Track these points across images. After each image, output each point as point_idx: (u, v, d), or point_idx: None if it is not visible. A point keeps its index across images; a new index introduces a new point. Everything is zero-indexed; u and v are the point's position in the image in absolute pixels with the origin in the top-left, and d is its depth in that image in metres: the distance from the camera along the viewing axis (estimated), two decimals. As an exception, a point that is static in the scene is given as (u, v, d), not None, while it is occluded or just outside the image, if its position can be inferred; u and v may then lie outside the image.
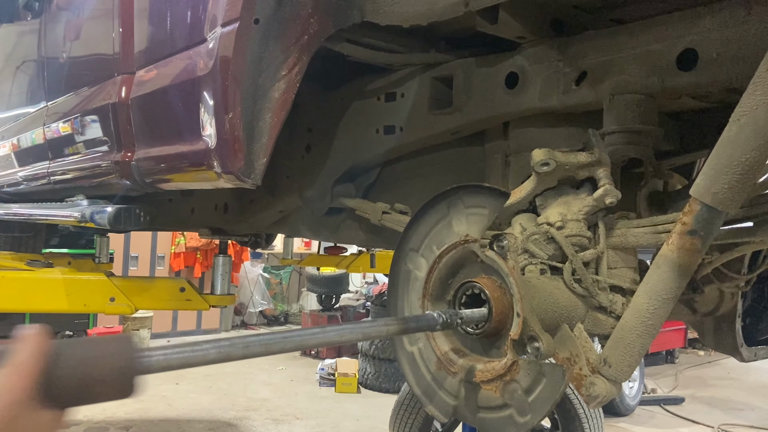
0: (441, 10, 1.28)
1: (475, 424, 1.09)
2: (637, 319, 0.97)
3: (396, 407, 3.79)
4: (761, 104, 0.80)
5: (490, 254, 1.05)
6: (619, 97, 1.23)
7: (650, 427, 5.76)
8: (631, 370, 1.00)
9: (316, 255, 5.05)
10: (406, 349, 1.22)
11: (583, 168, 1.17)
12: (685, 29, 1.13)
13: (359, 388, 6.49)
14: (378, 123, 1.79)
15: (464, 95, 1.53)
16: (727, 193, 0.84)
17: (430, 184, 1.86)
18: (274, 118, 1.39)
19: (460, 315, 1.02)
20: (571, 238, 1.16)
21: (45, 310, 2.79)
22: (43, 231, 4.65)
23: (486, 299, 1.04)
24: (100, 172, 2.19)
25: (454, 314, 1.01)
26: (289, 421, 5.43)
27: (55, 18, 2.64)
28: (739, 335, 1.72)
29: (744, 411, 6.32)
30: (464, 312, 1.03)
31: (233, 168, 1.43)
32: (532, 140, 1.46)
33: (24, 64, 3.09)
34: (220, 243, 3.49)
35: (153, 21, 1.84)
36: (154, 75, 1.80)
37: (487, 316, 1.03)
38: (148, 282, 3.01)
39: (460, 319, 1.02)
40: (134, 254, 8.58)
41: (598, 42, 1.27)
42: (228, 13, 1.37)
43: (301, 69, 1.38)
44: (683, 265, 0.92)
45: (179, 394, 6.00)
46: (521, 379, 1.01)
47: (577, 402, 3.43)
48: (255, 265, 10.34)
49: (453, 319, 1.01)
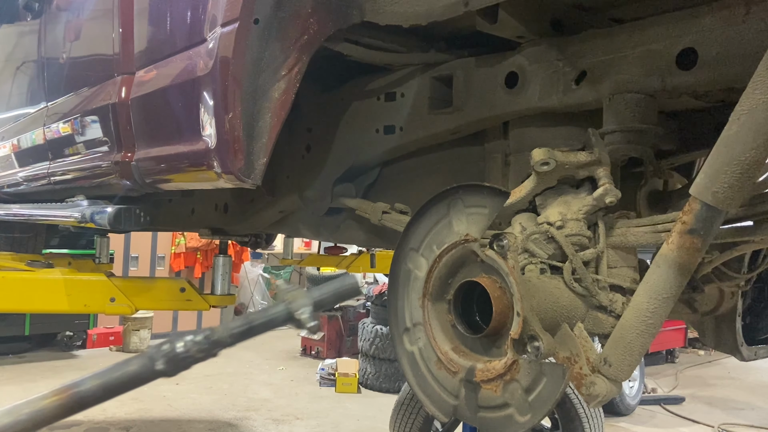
0: (441, 9, 1.28)
1: (475, 423, 1.09)
2: (638, 319, 0.97)
3: (396, 407, 3.79)
4: (761, 103, 0.80)
5: (490, 254, 1.05)
6: (619, 96, 1.23)
7: (650, 426, 5.76)
8: (631, 370, 1.00)
9: (316, 255, 5.05)
10: (406, 348, 1.22)
11: (583, 167, 1.17)
12: (685, 29, 1.13)
13: (359, 388, 6.49)
14: (378, 123, 1.79)
15: (464, 95, 1.53)
16: (727, 192, 0.84)
17: (430, 184, 1.86)
18: (274, 118, 1.39)
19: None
20: (571, 238, 1.16)
21: (45, 310, 2.79)
22: (44, 231, 4.65)
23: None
24: (100, 173, 2.19)
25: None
26: (290, 421, 5.43)
27: (55, 18, 2.64)
28: (739, 334, 1.72)
29: (744, 410, 6.32)
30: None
31: (233, 168, 1.43)
32: (532, 140, 1.46)
33: (24, 65, 3.09)
34: (220, 243, 3.49)
35: (153, 21, 1.84)
36: (154, 75, 1.80)
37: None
38: (149, 282, 3.01)
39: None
40: (134, 254, 8.59)
41: (597, 41, 1.27)
42: (228, 13, 1.37)
43: (301, 69, 1.38)
44: (683, 264, 0.92)
45: (179, 394, 6.00)
46: (521, 379, 1.01)
47: (578, 401, 3.43)
48: (255, 266, 10.35)
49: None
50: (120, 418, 5.17)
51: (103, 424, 5.06)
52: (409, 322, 1.23)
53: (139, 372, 0.71)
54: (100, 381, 0.70)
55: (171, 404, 5.72)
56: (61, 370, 6.69)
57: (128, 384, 0.71)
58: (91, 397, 0.70)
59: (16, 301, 2.60)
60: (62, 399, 0.69)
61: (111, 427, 5.01)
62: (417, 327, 1.21)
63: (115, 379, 0.70)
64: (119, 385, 0.70)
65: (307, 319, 0.75)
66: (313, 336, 1.12)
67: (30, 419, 0.67)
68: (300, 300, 0.76)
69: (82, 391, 0.70)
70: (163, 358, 0.71)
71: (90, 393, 0.70)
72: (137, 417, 5.26)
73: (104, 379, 0.70)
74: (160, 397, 5.81)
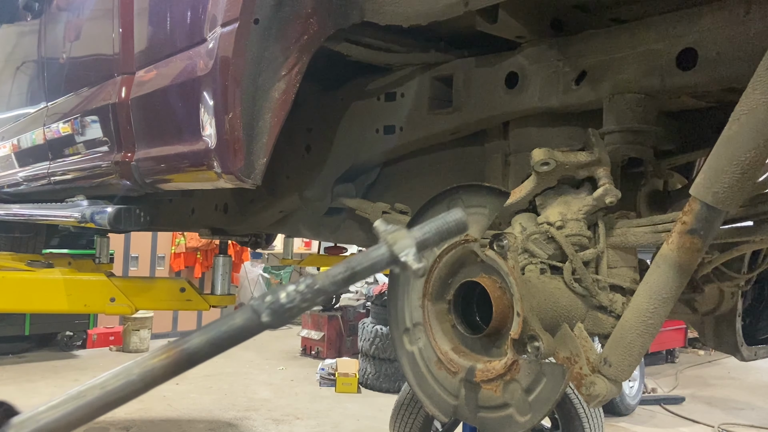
0: (441, 9, 1.28)
1: (475, 423, 1.09)
2: (638, 319, 0.97)
3: (396, 407, 3.79)
4: (761, 103, 0.80)
5: (490, 254, 1.05)
6: (619, 96, 1.23)
7: (650, 426, 5.76)
8: (631, 370, 1.00)
9: (316, 255, 5.05)
10: (406, 348, 1.22)
11: (583, 167, 1.17)
12: (685, 29, 1.13)
13: (359, 388, 6.49)
14: (378, 123, 1.79)
15: (464, 95, 1.53)
16: (727, 192, 0.84)
17: (430, 184, 1.86)
18: (274, 118, 1.39)
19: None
20: (571, 238, 1.16)
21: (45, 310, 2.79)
22: (44, 231, 4.65)
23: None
24: (100, 173, 2.19)
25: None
26: (290, 421, 5.43)
27: (55, 18, 2.64)
28: (739, 334, 1.72)
29: (744, 410, 6.32)
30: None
31: (233, 168, 1.43)
32: (532, 140, 1.46)
33: (24, 65, 3.08)
34: (220, 243, 3.49)
35: (153, 21, 1.84)
36: (154, 75, 1.80)
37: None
38: (149, 282, 3.01)
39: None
40: (134, 254, 8.59)
41: (597, 41, 1.27)
42: (228, 13, 1.37)
43: (301, 69, 1.38)
44: (683, 264, 0.92)
45: (179, 394, 6.00)
46: (521, 379, 1.01)
47: (578, 401, 3.43)
48: (255, 266, 10.34)
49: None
50: (120, 418, 5.17)
51: (102, 423, 5.06)
52: (409, 322, 1.23)
53: (244, 325, 0.69)
54: (206, 336, 0.69)
55: (171, 404, 5.72)
56: (61, 370, 6.68)
57: (235, 338, 0.70)
58: (200, 353, 0.69)
59: (16, 301, 2.60)
60: (171, 357, 0.68)
61: (111, 427, 5.01)
62: (417, 327, 1.21)
63: (222, 333, 0.70)
64: (226, 340, 0.70)
65: (413, 261, 0.71)
66: (417, 277, 1.07)
67: (141, 379, 0.67)
68: (403, 240, 0.72)
69: (191, 347, 0.69)
70: (267, 310, 0.69)
71: (198, 349, 0.69)
72: (137, 417, 5.26)
73: (211, 335, 0.69)
74: (160, 397, 5.81)
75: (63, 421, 0.64)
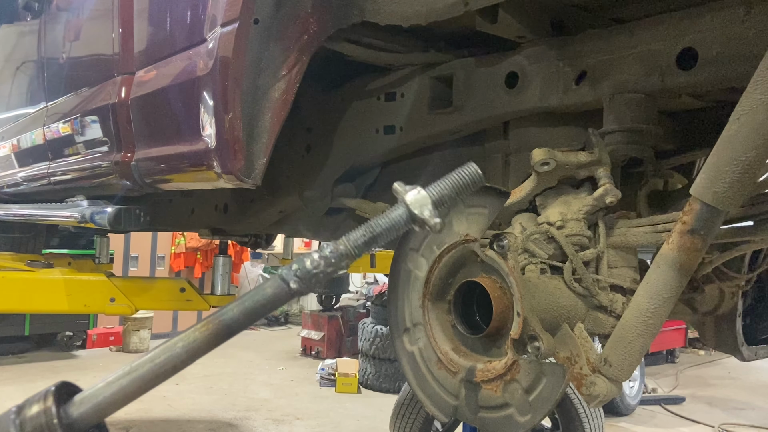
0: (441, 9, 1.28)
1: (475, 423, 1.09)
2: (638, 319, 0.97)
3: (396, 407, 3.79)
4: (761, 103, 0.80)
5: (491, 254, 1.04)
6: (619, 96, 1.23)
7: (651, 426, 5.76)
8: (631, 370, 1.00)
9: (316, 255, 5.04)
10: (406, 348, 1.22)
11: (583, 167, 1.17)
12: (685, 28, 1.13)
13: (360, 388, 6.49)
14: (378, 123, 1.79)
15: (464, 95, 1.53)
16: (727, 192, 0.84)
17: (430, 184, 1.86)
18: (274, 118, 1.39)
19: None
20: (571, 238, 1.16)
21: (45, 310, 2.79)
22: (43, 232, 4.65)
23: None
24: (100, 173, 2.19)
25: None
26: (290, 422, 5.43)
27: (55, 18, 2.64)
28: (739, 334, 1.72)
29: (745, 410, 6.32)
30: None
31: (233, 168, 1.42)
32: (532, 140, 1.46)
33: (24, 65, 3.08)
34: (220, 243, 3.49)
35: (153, 21, 1.84)
36: (154, 75, 1.80)
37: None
38: (149, 282, 3.02)
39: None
40: (134, 255, 8.59)
41: (598, 41, 1.27)
42: (227, 13, 1.37)
43: (301, 69, 1.38)
44: (684, 264, 0.92)
45: (179, 394, 6.00)
46: (522, 379, 1.01)
47: (578, 401, 3.43)
48: (255, 266, 10.34)
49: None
50: (120, 418, 5.17)
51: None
52: (409, 322, 1.23)
53: (275, 293, 0.73)
54: (242, 307, 0.73)
55: (171, 404, 5.72)
56: (61, 371, 6.68)
57: (267, 307, 0.73)
58: (237, 323, 0.73)
59: (16, 301, 2.60)
60: (211, 328, 0.72)
61: (111, 427, 4.99)
62: (417, 327, 1.21)
63: (255, 303, 0.73)
64: (259, 309, 0.73)
65: (430, 217, 0.74)
66: (436, 232, 1.08)
67: (186, 351, 0.72)
68: (420, 199, 0.75)
69: (227, 318, 0.72)
70: (295, 278, 0.72)
71: (234, 319, 0.73)
72: (137, 417, 5.26)
73: (245, 306, 0.73)
74: (160, 397, 5.81)
75: (120, 394, 0.69)
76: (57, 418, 0.64)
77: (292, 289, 0.72)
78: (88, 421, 0.68)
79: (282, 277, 0.73)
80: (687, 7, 1.14)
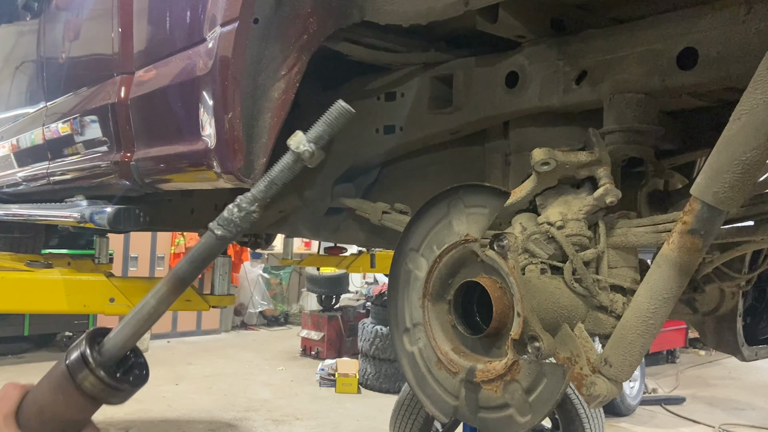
0: (441, 9, 1.28)
1: (475, 424, 1.09)
2: (638, 319, 0.97)
3: (396, 407, 3.79)
4: (762, 103, 0.80)
5: (491, 254, 1.04)
6: (620, 96, 1.23)
7: (651, 427, 5.76)
8: (632, 370, 1.00)
9: (316, 255, 5.05)
10: (406, 349, 1.22)
11: (584, 167, 1.17)
12: (686, 28, 1.13)
13: (359, 388, 6.49)
14: (378, 123, 1.79)
15: (464, 95, 1.53)
16: (727, 192, 0.84)
17: (430, 184, 1.86)
18: (274, 117, 1.39)
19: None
20: (571, 238, 1.16)
21: (45, 310, 2.79)
22: (43, 232, 4.65)
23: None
24: (99, 173, 2.19)
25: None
26: (290, 422, 5.42)
27: (54, 18, 2.64)
28: (740, 334, 1.72)
29: (745, 411, 6.32)
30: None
31: (233, 168, 1.42)
32: (533, 139, 1.45)
33: (23, 65, 3.08)
34: (220, 243, 3.48)
35: (152, 21, 1.84)
36: (154, 75, 1.79)
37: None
38: (148, 282, 3.01)
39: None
40: (134, 255, 8.59)
41: (598, 41, 1.27)
42: (227, 12, 1.37)
43: (301, 69, 1.38)
44: (684, 264, 0.92)
45: (179, 394, 6.00)
46: (522, 379, 1.00)
47: (578, 402, 3.43)
48: (255, 266, 10.35)
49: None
50: (120, 418, 5.16)
51: (102, 424, 5.04)
52: (409, 322, 1.22)
53: (207, 242, 0.85)
54: (186, 260, 0.86)
55: (171, 405, 5.72)
56: (61, 371, 6.67)
57: (205, 254, 0.85)
58: (186, 273, 0.86)
59: (16, 301, 2.60)
60: (170, 281, 0.86)
61: (111, 427, 5.00)
62: (417, 327, 1.20)
63: (197, 254, 0.85)
64: (199, 258, 0.85)
65: (306, 151, 0.86)
66: (313, 164, 1.10)
67: (156, 301, 0.88)
68: (298, 138, 0.88)
69: (180, 272, 0.86)
70: (218, 226, 0.84)
71: (184, 270, 0.86)
72: (137, 417, 5.26)
73: (190, 258, 0.86)
74: (160, 398, 5.81)
75: (131, 331, 0.87)
76: (91, 357, 0.83)
77: (218, 235, 0.83)
78: (116, 354, 0.85)
79: (209, 228, 0.84)
80: (687, 6, 1.14)
